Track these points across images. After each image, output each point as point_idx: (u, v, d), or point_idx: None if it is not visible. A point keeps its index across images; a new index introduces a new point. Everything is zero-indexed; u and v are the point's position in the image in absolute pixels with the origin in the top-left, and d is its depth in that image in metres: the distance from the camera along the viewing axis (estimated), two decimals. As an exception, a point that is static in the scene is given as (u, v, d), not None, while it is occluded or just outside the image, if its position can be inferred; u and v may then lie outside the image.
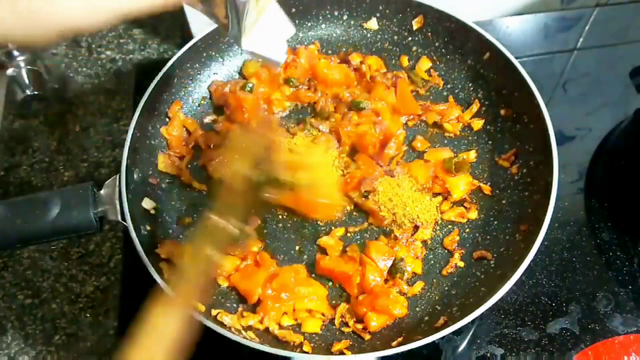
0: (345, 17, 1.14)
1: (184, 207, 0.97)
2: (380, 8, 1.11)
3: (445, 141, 1.03)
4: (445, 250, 0.93)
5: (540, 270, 0.95)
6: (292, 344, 0.82)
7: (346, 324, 0.86)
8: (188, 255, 0.76)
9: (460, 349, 0.88)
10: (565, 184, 1.01)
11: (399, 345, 0.76)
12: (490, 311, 0.90)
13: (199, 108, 1.07)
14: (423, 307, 0.87)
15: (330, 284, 0.90)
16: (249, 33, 0.70)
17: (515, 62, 0.98)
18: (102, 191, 0.86)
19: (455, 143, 1.03)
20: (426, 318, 0.85)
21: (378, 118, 1.00)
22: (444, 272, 0.90)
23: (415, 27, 1.10)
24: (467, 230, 0.94)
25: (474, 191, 0.98)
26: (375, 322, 0.83)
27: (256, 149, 0.81)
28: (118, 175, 0.87)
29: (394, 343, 0.79)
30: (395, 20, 1.12)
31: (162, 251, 0.86)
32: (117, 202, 0.85)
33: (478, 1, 1.27)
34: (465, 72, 1.08)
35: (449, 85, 1.09)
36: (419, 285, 0.89)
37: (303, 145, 0.99)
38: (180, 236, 0.94)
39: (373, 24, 1.13)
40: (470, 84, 1.07)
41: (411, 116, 1.05)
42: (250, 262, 0.89)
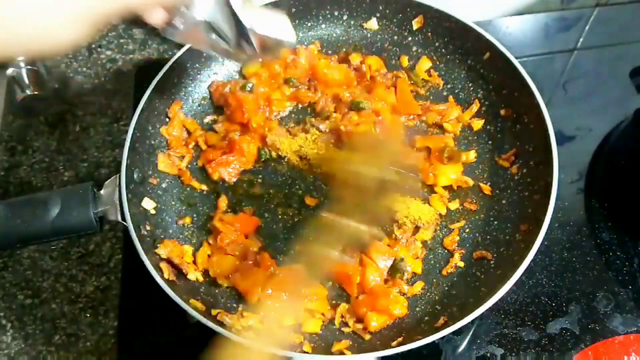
0: (345, 17, 1.14)
1: (184, 207, 0.97)
2: (380, 8, 1.11)
3: (445, 141, 1.03)
4: (445, 251, 0.93)
5: (540, 270, 0.95)
6: (292, 343, 0.82)
7: (346, 324, 0.86)
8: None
9: (460, 349, 0.88)
10: (565, 184, 1.01)
11: (399, 345, 0.76)
12: (490, 311, 0.89)
13: (199, 108, 1.07)
14: (423, 307, 0.87)
15: (330, 284, 0.90)
16: (254, 20, 0.70)
17: (515, 62, 0.98)
18: (102, 191, 0.86)
19: (455, 143, 1.02)
20: (426, 318, 0.85)
21: (378, 118, 1.00)
22: (444, 272, 0.90)
23: (415, 27, 1.10)
24: (467, 230, 0.94)
25: (473, 191, 0.98)
26: (375, 322, 0.83)
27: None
28: (118, 175, 0.87)
29: (394, 343, 0.79)
30: (395, 20, 1.12)
31: (162, 251, 0.87)
32: (117, 202, 0.85)
33: (478, 1, 1.27)
34: (465, 72, 1.08)
35: (449, 85, 1.09)
36: (419, 285, 0.89)
37: None
38: (180, 236, 0.94)
39: (373, 24, 1.13)
40: (470, 84, 1.07)
41: (411, 116, 1.05)
42: (250, 262, 0.89)
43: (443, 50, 1.10)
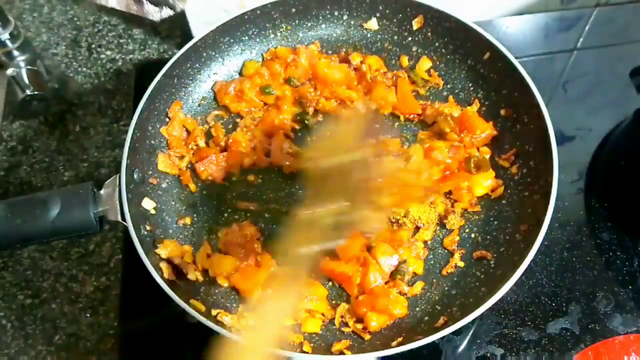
0: (345, 17, 1.14)
1: (184, 207, 0.97)
2: (380, 8, 1.11)
3: (445, 141, 1.03)
4: (445, 250, 0.93)
5: (540, 270, 0.95)
6: (292, 343, 0.82)
7: (346, 324, 0.86)
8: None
9: (460, 349, 0.88)
10: (565, 184, 1.01)
11: (399, 345, 0.76)
12: (490, 311, 0.90)
13: (199, 108, 1.07)
14: (423, 307, 0.87)
15: (330, 284, 0.90)
16: None
17: (515, 62, 0.98)
18: (102, 191, 0.86)
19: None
20: (426, 318, 0.85)
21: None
22: (444, 272, 0.90)
23: (415, 27, 1.10)
24: (467, 230, 0.94)
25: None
26: (375, 322, 0.83)
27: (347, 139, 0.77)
28: (118, 175, 0.87)
29: (394, 343, 0.79)
30: (395, 20, 1.12)
31: (162, 251, 0.87)
32: (117, 202, 0.85)
33: (478, 1, 1.27)
34: (465, 72, 1.08)
35: (449, 85, 1.09)
36: (419, 286, 0.89)
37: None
38: (180, 236, 0.94)
39: (373, 24, 1.13)
40: (470, 84, 1.07)
41: (411, 116, 1.05)
42: (250, 262, 0.89)
43: (443, 50, 1.10)
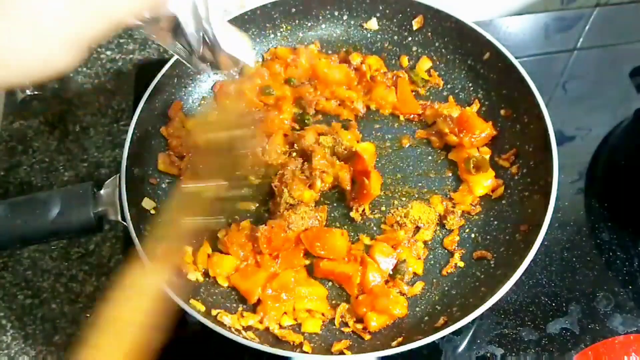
0: (345, 17, 1.14)
1: (184, 207, 0.97)
2: (380, 8, 1.11)
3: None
4: (445, 250, 0.93)
5: (540, 270, 0.95)
6: (292, 344, 0.82)
7: (346, 324, 0.86)
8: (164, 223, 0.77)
9: (460, 349, 0.88)
10: (565, 184, 1.01)
11: (399, 345, 0.76)
12: (490, 311, 0.90)
13: (199, 108, 1.07)
14: (423, 307, 0.87)
15: (330, 284, 0.90)
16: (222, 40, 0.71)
17: (515, 62, 0.98)
18: (102, 191, 0.86)
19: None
20: (426, 318, 0.85)
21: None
22: (444, 272, 0.90)
23: (415, 27, 1.10)
24: (467, 230, 0.94)
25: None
26: (375, 322, 0.83)
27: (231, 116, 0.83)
28: (118, 175, 0.87)
29: (394, 343, 0.79)
30: (395, 20, 1.12)
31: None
32: (117, 202, 0.85)
33: (478, 1, 1.27)
34: (465, 72, 1.08)
35: (449, 85, 1.09)
36: (419, 286, 0.89)
37: None
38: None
39: (373, 24, 1.13)
40: (470, 84, 1.07)
41: (411, 116, 1.05)
42: (250, 262, 0.89)
43: (443, 50, 1.10)
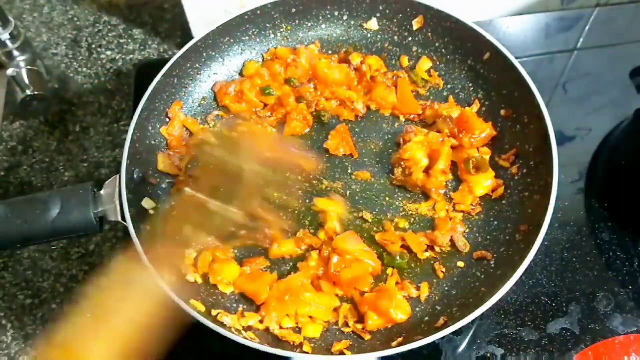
0: (345, 17, 1.14)
1: (184, 207, 0.97)
2: (380, 8, 1.11)
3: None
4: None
5: (540, 270, 0.95)
6: (292, 344, 0.82)
7: (346, 324, 0.86)
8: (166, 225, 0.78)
9: (460, 349, 0.88)
10: (565, 184, 1.01)
11: (399, 345, 0.76)
12: (490, 311, 0.90)
13: (199, 108, 1.07)
14: (423, 307, 0.87)
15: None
16: None
17: (515, 62, 0.98)
18: (102, 191, 0.86)
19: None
20: (426, 318, 0.85)
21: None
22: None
23: (415, 27, 1.10)
24: (467, 230, 0.94)
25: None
26: (372, 322, 0.83)
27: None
28: (118, 175, 0.87)
29: (394, 343, 0.79)
30: (395, 20, 1.12)
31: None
32: (117, 202, 0.85)
33: (478, 1, 1.27)
34: (465, 72, 1.08)
35: (449, 85, 1.09)
36: (425, 290, 0.88)
37: None
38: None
39: (373, 24, 1.13)
40: (470, 84, 1.07)
41: (411, 116, 1.05)
42: (254, 266, 0.89)
43: (443, 50, 1.10)
